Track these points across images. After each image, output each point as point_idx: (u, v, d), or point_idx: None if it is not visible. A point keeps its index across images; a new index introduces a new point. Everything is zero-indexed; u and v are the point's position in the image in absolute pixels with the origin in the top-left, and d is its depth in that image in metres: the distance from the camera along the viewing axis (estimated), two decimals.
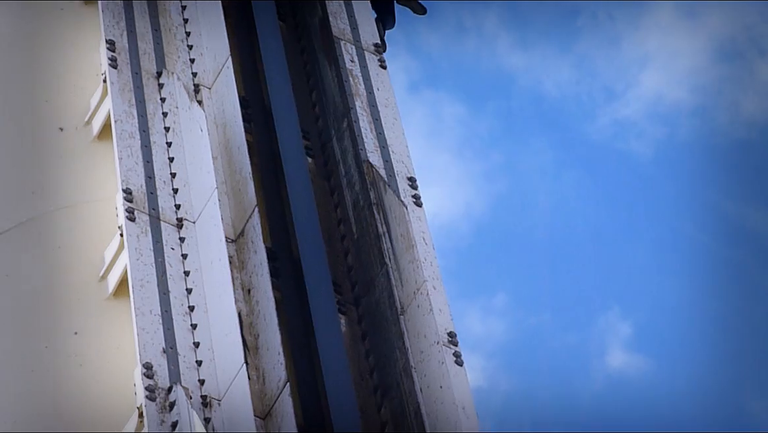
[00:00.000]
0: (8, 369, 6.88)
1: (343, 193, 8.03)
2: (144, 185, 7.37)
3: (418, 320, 7.38)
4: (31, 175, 7.91)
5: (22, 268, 7.48)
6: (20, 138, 8.13)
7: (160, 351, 6.45)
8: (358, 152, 8.11)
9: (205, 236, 7.20)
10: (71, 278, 7.33)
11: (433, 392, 6.99)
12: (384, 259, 7.58)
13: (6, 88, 8.43)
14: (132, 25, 8.27)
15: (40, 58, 8.51)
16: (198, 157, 7.53)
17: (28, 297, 7.34)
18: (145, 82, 7.97)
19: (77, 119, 8.04)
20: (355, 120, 8.28)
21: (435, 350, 7.17)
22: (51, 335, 7.08)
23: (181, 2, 8.60)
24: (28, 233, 7.61)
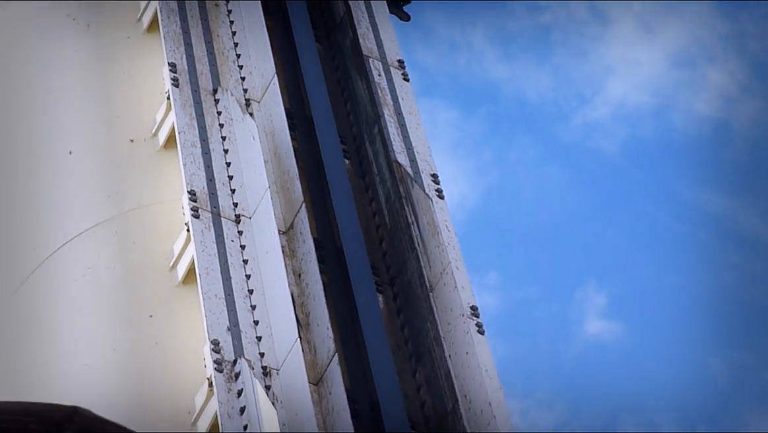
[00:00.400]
0: (94, 349, 6.93)
1: (376, 189, 8.08)
2: (206, 187, 7.42)
3: (445, 296, 7.41)
4: (108, 181, 7.96)
5: (103, 261, 7.51)
6: (97, 149, 8.16)
7: (225, 329, 6.52)
8: (388, 153, 8.12)
9: (260, 229, 7.25)
10: (145, 269, 7.38)
11: (460, 357, 7.04)
12: (414, 244, 7.61)
13: (83, 106, 8.44)
14: (190, 49, 8.29)
15: (112, 79, 8.53)
16: (251, 161, 7.58)
17: (108, 286, 7.40)
18: (203, 98, 8.01)
19: (145, 132, 8.07)
20: (384, 126, 8.31)
21: (460, 321, 7.20)
22: (130, 319, 7.17)
23: (231, 28, 8.59)
24: (107, 231, 7.65)
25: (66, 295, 7.56)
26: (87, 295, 7.47)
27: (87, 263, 7.56)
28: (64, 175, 8.17)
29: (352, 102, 8.54)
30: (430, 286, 7.46)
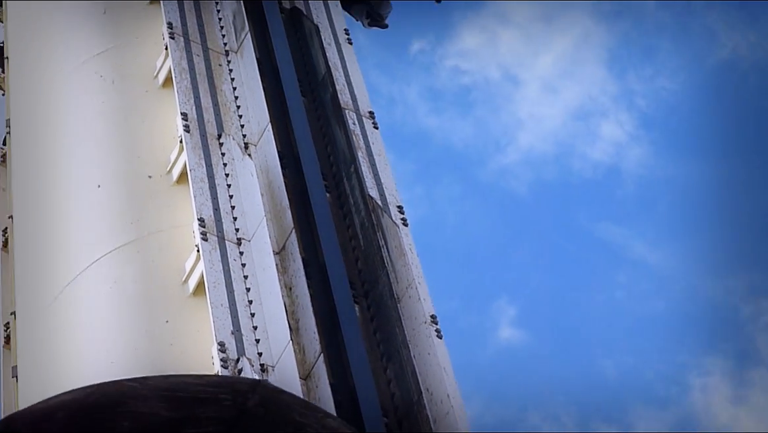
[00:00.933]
0: (118, 350, 6.95)
1: (352, 217, 8.05)
2: (212, 215, 7.47)
3: (410, 307, 7.42)
4: (130, 209, 7.96)
5: (126, 276, 7.50)
6: (121, 183, 8.18)
7: (229, 333, 6.59)
8: (362, 188, 8.12)
9: (258, 250, 7.27)
10: (162, 283, 7.39)
11: (423, 357, 7.05)
12: (384, 264, 7.60)
13: (110, 147, 8.47)
14: (198, 101, 8.32)
15: (134, 126, 8.56)
16: (250, 194, 7.62)
17: (131, 298, 7.41)
18: (209, 142, 8.05)
19: (161, 169, 8.08)
20: (358, 166, 8.33)
21: (423, 327, 7.23)
22: (148, 324, 7.17)
23: (233, 84, 8.63)
24: (130, 251, 7.64)
25: (95, 305, 7.53)
26: (113, 305, 7.46)
27: (113, 278, 7.53)
28: (94, 204, 8.14)
29: (332, 145, 8.56)
30: (397, 298, 7.47)
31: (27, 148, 9.22)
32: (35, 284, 8.19)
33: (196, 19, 9.02)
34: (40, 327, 7.86)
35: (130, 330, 7.23)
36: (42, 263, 8.24)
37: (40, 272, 8.20)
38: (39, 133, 9.12)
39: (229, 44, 8.98)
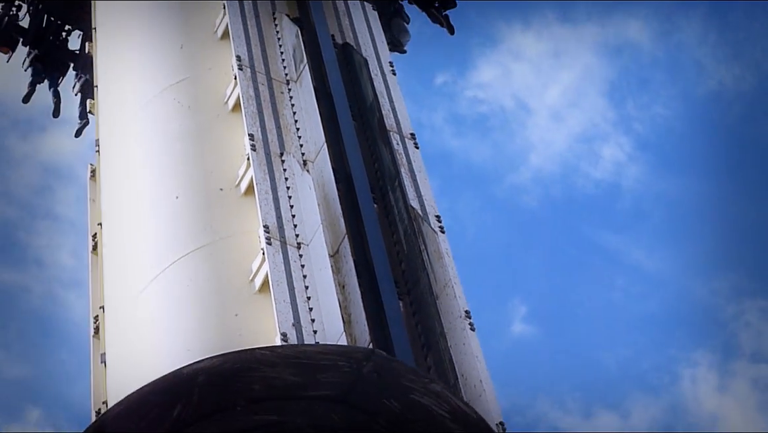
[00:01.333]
0: (195, 339, 7.01)
1: (397, 225, 8.03)
2: (276, 223, 7.49)
3: (447, 303, 7.46)
4: (204, 218, 8.01)
5: (200, 275, 7.60)
6: (196, 195, 8.22)
7: (290, 325, 6.66)
8: (405, 200, 8.11)
9: (315, 253, 7.30)
10: (232, 281, 7.45)
11: (459, 347, 7.11)
12: (424, 266, 7.63)
13: (186, 164, 8.53)
14: (263, 123, 8.34)
15: (207, 145, 8.62)
16: (308, 205, 7.64)
17: (204, 293, 7.50)
18: (273, 159, 8.05)
19: (231, 183, 8.10)
20: (401, 181, 8.31)
21: (458, 322, 7.29)
22: (221, 317, 7.26)
23: (293, 109, 8.64)
24: (203, 254, 7.70)
25: (173, 300, 7.63)
26: (188, 300, 7.54)
27: (189, 276, 7.61)
28: (172, 213, 8.20)
29: (379, 163, 8.54)
30: (436, 295, 7.49)
31: (114, 164, 9.26)
32: (121, 282, 8.23)
33: (261, 53, 9.02)
34: (125, 319, 7.94)
35: (204, 322, 7.31)
36: (127, 264, 8.29)
37: (125, 271, 8.25)
38: (124, 151, 9.18)
39: (290, 74, 8.94)
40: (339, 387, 4.73)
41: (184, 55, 9.41)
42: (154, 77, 9.33)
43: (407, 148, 8.88)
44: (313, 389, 4.70)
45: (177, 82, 9.08)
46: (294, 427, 4.73)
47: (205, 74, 9.10)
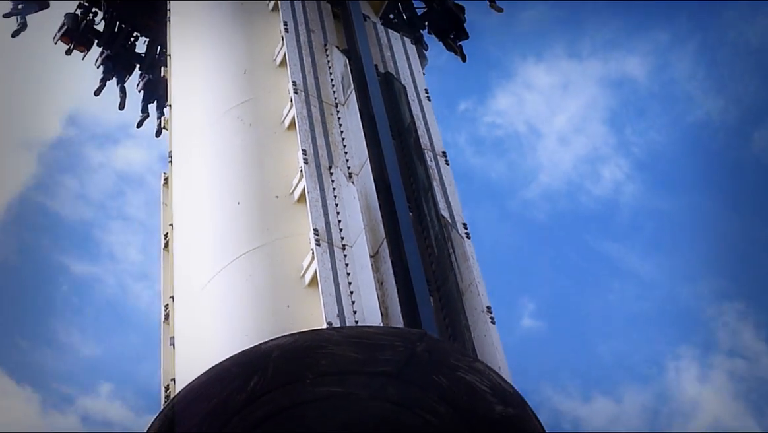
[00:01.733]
0: (251, 326, 7.01)
1: (429, 231, 8.02)
2: (324, 227, 7.50)
3: (472, 300, 7.46)
4: (261, 221, 8.05)
5: (257, 271, 7.62)
6: (255, 201, 8.24)
7: (335, 315, 6.66)
8: (437, 209, 8.14)
9: (358, 254, 7.31)
10: (285, 276, 7.44)
11: (481, 339, 7.10)
12: (452, 266, 7.64)
13: (245, 174, 8.56)
14: (314, 140, 8.35)
15: (265, 158, 8.65)
16: (353, 211, 7.66)
17: (261, 287, 7.51)
18: (323, 171, 8.06)
19: (285, 191, 8.13)
20: (433, 193, 8.34)
21: (481, 316, 7.29)
22: (274, 307, 7.27)
23: (340, 128, 8.64)
24: (260, 252, 7.72)
25: (233, 293, 7.64)
26: (247, 293, 7.55)
27: (248, 272, 7.63)
28: (234, 217, 8.23)
29: (414, 176, 8.54)
30: (462, 292, 7.50)
31: (184, 173, 9.32)
32: (189, 275, 8.28)
33: (313, 79, 9.04)
34: (192, 308, 7.99)
35: (260, 312, 7.32)
36: (194, 260, 8.34)
37: (192, 266, 8.30)
38: (193, 161, 9.23)
39: (338, 98, 8.96)
40: (394, 364, 4.84)
41: (247, 79, 9.45)
42: (221, 98, 9.38)
43: (439, 165, 8.88)
44: (372, 365, 4.82)
45: (241, 103, 9.13)
46: (354, 398, 4.81)
47: (265, 97, 9.12)
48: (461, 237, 8.08)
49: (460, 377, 4.82)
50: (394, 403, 4.82)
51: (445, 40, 14.77)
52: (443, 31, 14.74)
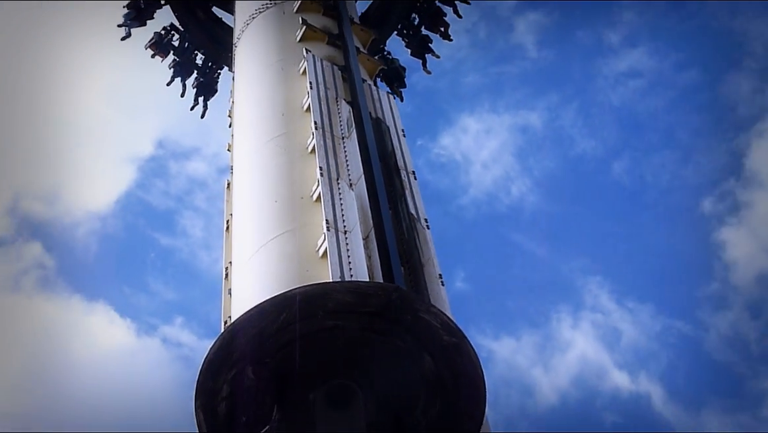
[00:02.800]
0: (282, 283, 6.89)
1: (402, 223, 8.07)
2: (332, 218, 7.58)
3: (429, 270, 7.51)
4: (291, 213, 8.11)
5: (287, 247, 7.70)
6: (287, 200, 8.31)
7: (338, 276, 6.77)
8: (407, 208, 8.22)
9: (354, 237, 7.35)
10: (306, 251, 7.50)
11: (435, 294, 7.14)
12: (417, 247, 7.73)
13: (281, 182, 8.61)
14: (328, 161, 8.39)
15: (294, 171, 8.67)
16: (352, 209, 7.73)
17: (289, 257, 7.60)
18: (332, 182, 8.12)
19: (308, 194, 8.16)
20: (405, 197, 8.39)
21: (435, 280, 7.37)
22: (299, 271, 7.34)
23: (345, 153, 8.64)
24: (290, 234, 7.80)
25: (270, 262, 7.70)
26: (280, 262, 7.63)
27: (281, 248, 7.71)
28: (273, 210, 8.29)
29: (392, 187, 8.53)
30: (423, 265, 7.56)
31: (240, 180, 9.39)
32: (242, 248, 8.36)
33: (328, 120, 9.07)
34: (243, 269, 8.11)
35: (289, 273, 7.43)
36: (246, 238, 8.42)
37: (244, 243, 8.38)
38: (246, 173, 9.30)
39: (344, 133, 8.99)
40: (377, 306, 4.71)
41: (284, 119, 9.45)
42: (266, 131, 9.39)
43: (410, 179, 8.87)
44: (362, 307, 4.70)
45: (278, 136, 9.17)
46: (350, 329, 4.72)
47: (295, 132, 9.13)
48: (423, 228, 8.11)
49: (420, 316, 4.63)
50: (376, 333, 4.69)
51: (391, 87, 15.23)
52: (391, 81, 15.25)
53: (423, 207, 8.69)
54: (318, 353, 4.64)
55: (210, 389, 4.35)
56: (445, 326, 4.60)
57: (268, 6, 10.99)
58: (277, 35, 10.72)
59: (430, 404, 4.65)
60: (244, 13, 11.53)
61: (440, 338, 4.59)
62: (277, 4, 10.88)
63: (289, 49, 10.34)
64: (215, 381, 4.39)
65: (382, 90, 10.70)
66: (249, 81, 10.66)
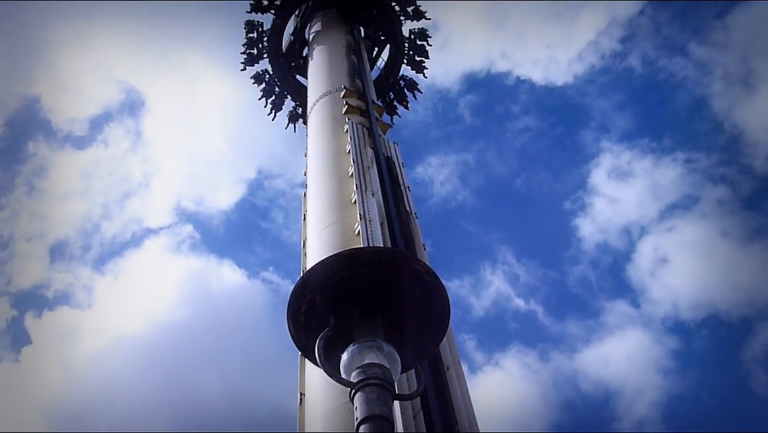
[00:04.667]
0: (337, 247, 6.86)
1: (402, 216, 7.86)
2: (363, 213, 7.38)
3: (417, 243, 7.42)
4: (340, 211, 7.89)
5: (338, 230, 7.54)
6: (338, 204, 8.04)
7: (367, 245, 6.69)
8: (406, 207, 8.02)
9: (375, 224, 7.22)
10: (348, 232, 7.38)
11: (421, 256, 7.06)
12: (410, 230, 7.58)
13: (335, 193, 8.26)
14: (359, 180, 7.99)
15: (341, 188, 8.27)
16: (373, 208, 7.54)
17: (338, 236, 7.41)
18: (363, 193, 7.83)
19: (349, 200, 7.91)
20: (405, 200, 8.15)
21: (421, 248, 7.27)
22: (342, 242, 7.17)
23: (369, 176, 8.23)
24: (340, 223, 7.62)
25: (324, 241, 7.49)
26: (331, 241, 7.43)
27: (334, 230, 7.54)
28: (330, 209, 8.01)
29: (397, 195, 8.27)
30: (413, 239, 7.46)
31: (311, 192, 8.96)
32: (312, 230, 8.14)
33: (360, 158, 8.72)
34: (313, 243, 7.89)
35: (338, 243, 7.25)
36: (314, 225, 8.17)
37: (313, 228, 8.15)
38: (314, 188, 8.89)
39: (369, 165, 8.65)
40: (388, 260, 4.26)
41: (335, 157, 9.08)
42: (325, 163, 9.09)
43: (406, 191, 8.59)
44: (380, 261, 4.25)
45: (332, 166, 8.89)
46: (372, 272, 4.19)
47: (342, 164, 8.81)
48: (414, 219, 7.96)
49: (412, 266, 4.27)
50: (388, 274, 4.22)
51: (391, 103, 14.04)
52: None
53: (414, 207, 8.55)
54: (355, 287, 4.33)
55: (295, 307, 4.12)
56: (427, 272, 4.25)
57: (327, 93, 10.69)
58: (332, 110, 10.40)
59: (418, 316, 4.38)
60: (314, 95, 11.09)
61: (423, 278, 4.23)
62: (332, 93, 10.57)
63: (339, 117, 10.08)
64: (297, 302, 4.21)
65: (390, 140, 10.28)
66: (316, 134, 10.35)
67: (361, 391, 3.55)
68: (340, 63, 11.09)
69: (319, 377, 5.88)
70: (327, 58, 11.35)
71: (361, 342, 3.80)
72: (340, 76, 10.77)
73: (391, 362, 3.73)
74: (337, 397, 5.63)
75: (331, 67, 11.08)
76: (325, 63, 11.29)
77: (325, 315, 4.03)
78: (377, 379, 3.56)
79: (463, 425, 5.57)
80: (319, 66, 11.39)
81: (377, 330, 3.99)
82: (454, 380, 5.92)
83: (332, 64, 11.16)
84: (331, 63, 11.20)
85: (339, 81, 10.60)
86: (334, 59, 11.29)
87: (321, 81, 10.95)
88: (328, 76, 10.85)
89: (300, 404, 6.21)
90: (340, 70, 10.96)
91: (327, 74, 10.96)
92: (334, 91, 10.42)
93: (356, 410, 3.54)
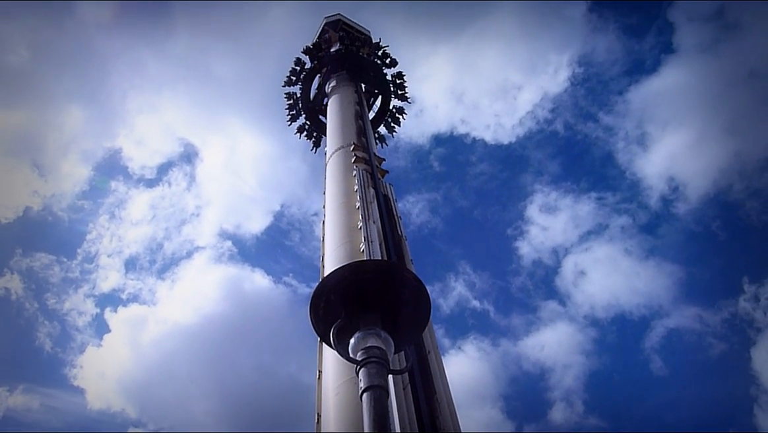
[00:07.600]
0: (348, 259, 6.81)
1: (396, 236, 7.72)
2: (366, 236, 7.19)
3: (407, 257, 7.27)
4: (350, 234, 7.69)
5: (348, 248, 7.33)
6: (348, 228, 7.87)
7: (368, 244, 6.72)
8: (398, 232, 7.85)
9: (375, 243, 7.03)
10: (355, 250, 7.19)
11: (409, 266, 6.97)
12: (402, 247, 7.41)
13: (347, 220, 8.03)
14: (364, 213, 7.83)
15: (352, 217, 8.10)
16: (374, 232, 7.40)
17: (350, 252, 7.22)
18: (367, 221, 7.67)
19: (356, 226, 7.73)
20: (398, 225, 8.01)
21: (410, 261, 7.12)
22: (352, 255, 7.06)
23: (372, 209, 8.07)
24: (349, 243, 7.37)
25: (341, 252, 7.30)
26: (344, 255, 7.24)
27: (345, 249, 7.25)
28: (342, 233, 7.82)
29: (390, 222, 8.08)
30: (404, 255, 7.31)
31: (329, 219, 8.72)
32: (329, 247, 7.90)
33: (364, 195, 8.45)
34: (330, 255, 7.57)
35: (347, 258, 7.04)
36: (330, 245, 7.95)
37: (330, 245, 7.94)
38: (331, 216, 8.72)
39: (371, 200, 8.46)
40: (386, 270, 4.16)
41: (346, 195, 8.94)
42: (338, 199, 8.86)
43: (399, 221, 8.32)
44: (379, 270, 4.15)
45: (344, 201, 8.63)
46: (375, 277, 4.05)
47: (349, 201, 8.54)
48: (405, 241, 7.84)
49: (403, 274, 4.09)
50: (385, 280, 4.08)
51: None
52: None
53: (405, 231, 8.34)
54: (361, 289, 4.25)
55: (315, 304, 4.00)
56: (414, 279, 4.12)
57: (340, 148, 10.56)
58: (344, 160, 10.19)
59: (407, 311, 4.29)
60: (331, 148, 10.80)
61: (411, 283, 4.08)
62: (344, 147, 10.50)
63: (349, 164, 9.89)
64: (317, 301, 4.01)
65: (387, 182, 10.04)
66: (332, 177, 9.99)
67: (364, 367, 3.61)
68: (350, 125, 11.15)
69: (332, 358, 5.78)
70: (341, 118, 11.27)
71: (364, 330, 3.85)
72: (350, 135, 10.82)
73: (386, 345, 3.79)
74: (345, 373, 5.54)
75: (343, 127, 11.15)
76: (339, 122, 11.29)
77: (337, 310, 3.99)
78: (376, 358, 3.65)
79: (440, 395, 5.52)
80: (335, 125, 11.38)
81: (377, 321, 3.98)
82: (434, 361, 5.87)
83: (344, 125, 11.18)
84: (344, 124, 11.22)
85: (349, 138, 10.67)
86: (346, 121, 11.26)
87: (336, 137, 10.99)
88: (341, 135, 10.91)
89: (318, 379, 6.05)
90: (350, 130, 11.00)
91: (341, 133, 11.02)
92: (346, 146, 10.45)
93: (360, 381, 3.58)
